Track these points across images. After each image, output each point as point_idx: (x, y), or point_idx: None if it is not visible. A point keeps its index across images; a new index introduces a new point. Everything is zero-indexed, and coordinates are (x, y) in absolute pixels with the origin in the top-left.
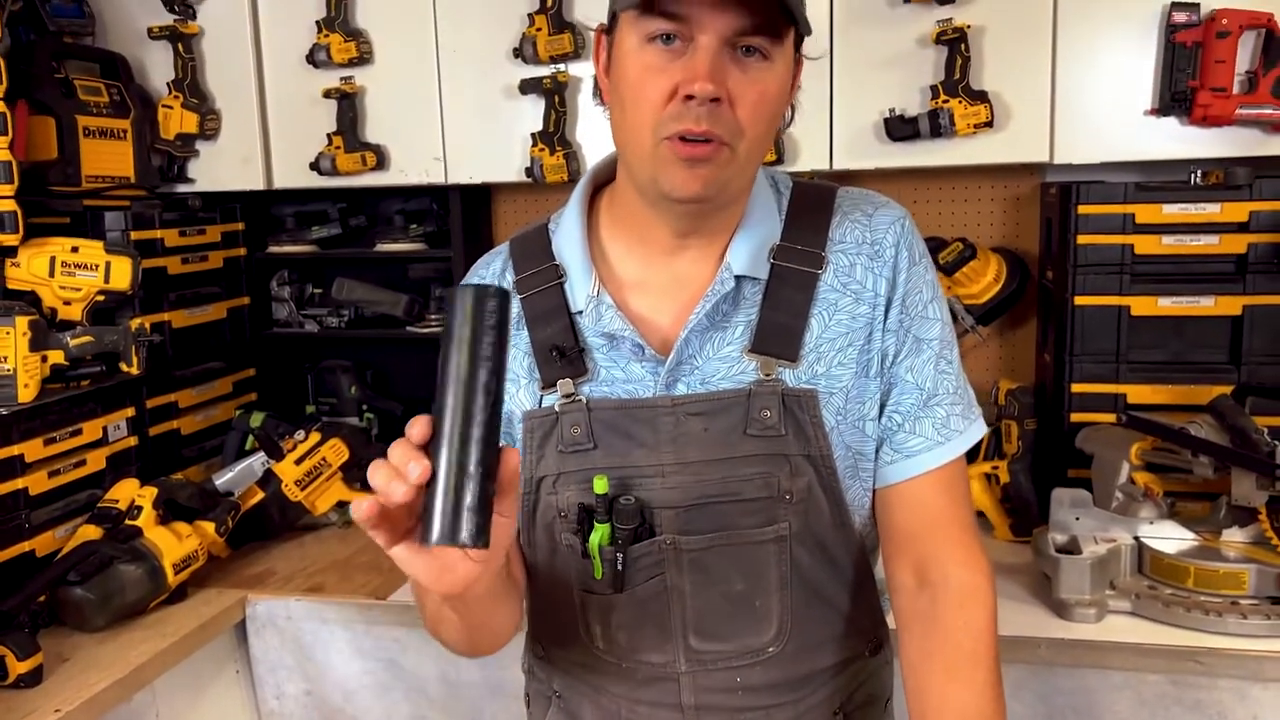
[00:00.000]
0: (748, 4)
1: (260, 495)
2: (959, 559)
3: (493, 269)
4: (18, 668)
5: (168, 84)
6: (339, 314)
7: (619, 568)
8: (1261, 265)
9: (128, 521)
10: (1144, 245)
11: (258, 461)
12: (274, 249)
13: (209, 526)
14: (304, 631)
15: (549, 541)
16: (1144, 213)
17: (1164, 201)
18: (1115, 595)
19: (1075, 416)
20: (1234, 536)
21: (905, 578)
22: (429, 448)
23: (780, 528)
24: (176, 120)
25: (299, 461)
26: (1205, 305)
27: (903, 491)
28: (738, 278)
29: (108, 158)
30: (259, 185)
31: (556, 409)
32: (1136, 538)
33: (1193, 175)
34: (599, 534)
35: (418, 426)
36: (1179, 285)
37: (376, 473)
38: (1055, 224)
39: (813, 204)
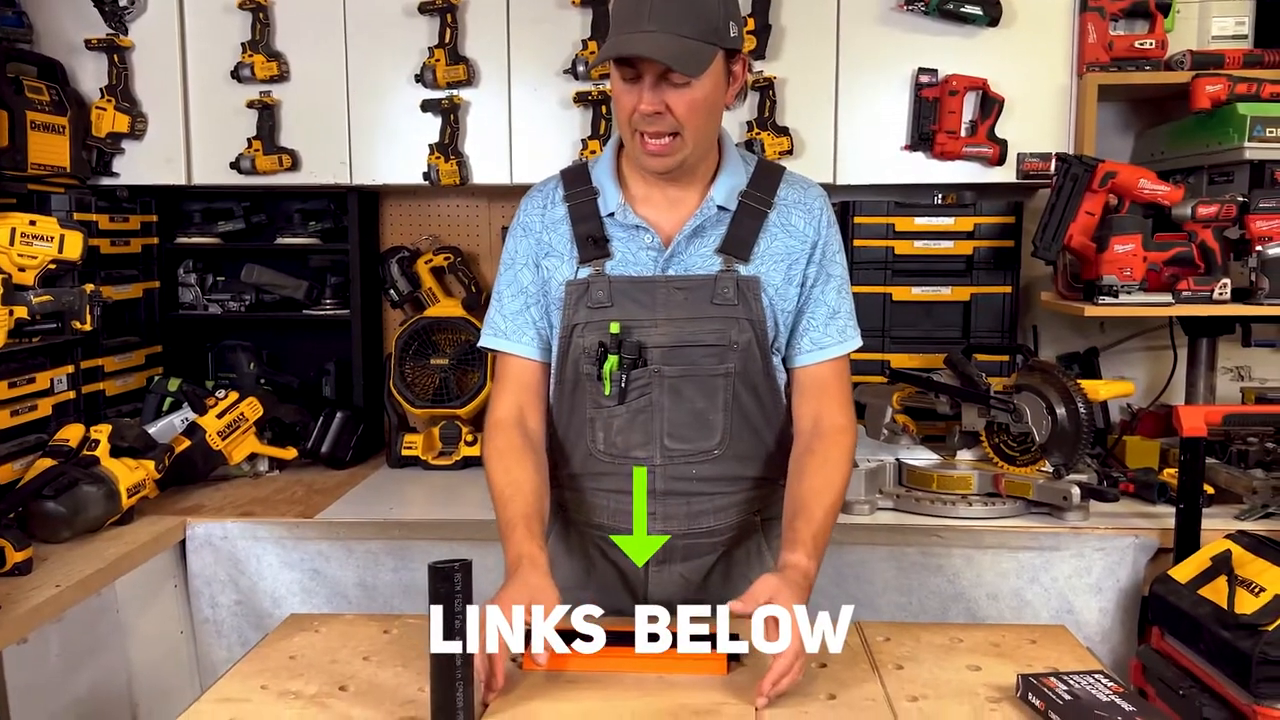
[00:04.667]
0: (668, 60)
1: (187, 443)
2: (840, 413)
3: (548, 190)
4: (14, 556)
5: (100, 89)
6: (240, 299)
7: (622, 386)
8: (983, 264)
9: (85, 452)
10: (901, 248)
11: (178, 419)
12: (183, 240)
13: (149, 464)
14: (238, 549)
15: (574, 375)
16: (901, 223)
17: (915, 215)
18: (883, 497)
19: (854, 378)
20: (965, 455)
21: (805, 422)
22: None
23: (728, 367)
24: (109, 121)
25: (220, 415)
26: (944, 293)
27: (813, 371)
28: (718, 207)
29: (48, 149)
30: (180, 181)
31: (588, 279)
32: (897, 459)
33: (935, 196)
34: (610, 363)
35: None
36: (927, 279)
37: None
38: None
39: (769, 171)
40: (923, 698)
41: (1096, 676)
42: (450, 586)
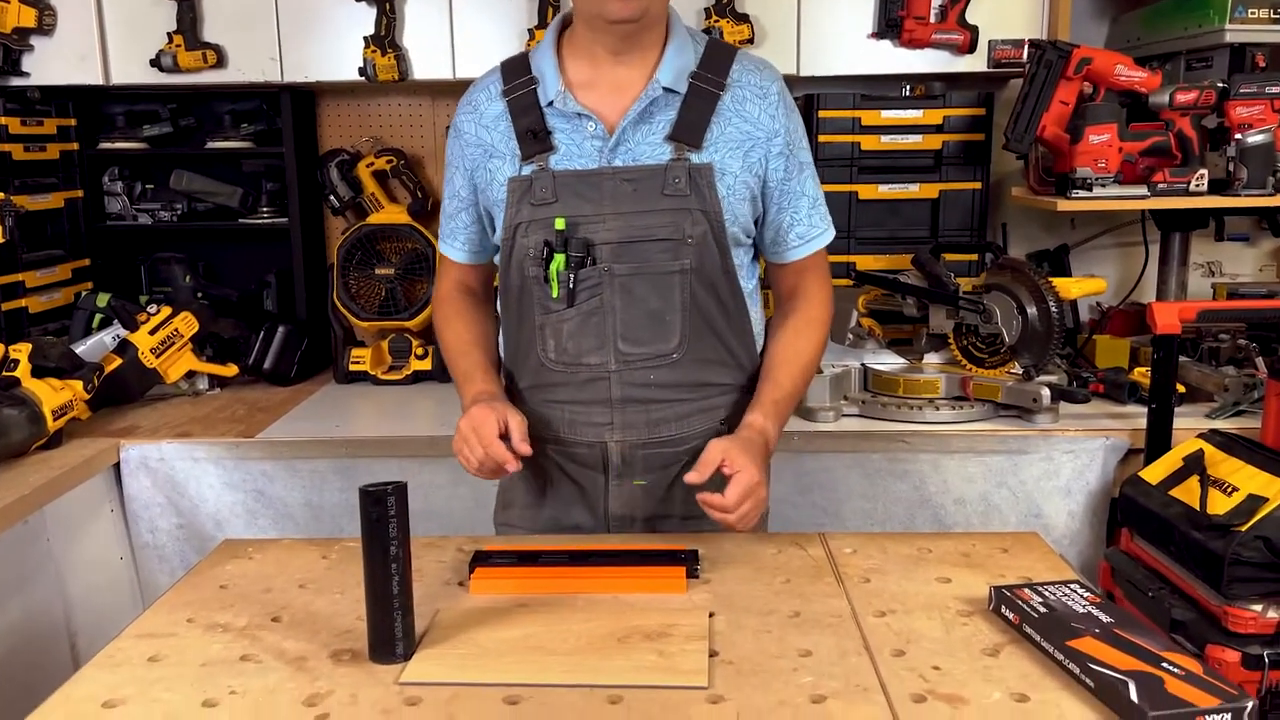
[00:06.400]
0: None
1: (118, 362)
2: (818, 289)
3: (487, 83)
4: None
5: None
6: (172, 208)
7: (571, 287)
8: (952, 159)
9: (5, 373)
10: (868, 143)
11: (108, 336)
12: (106, 145)
13: (77, 384)
14: (176, 471)
15: (519, 279)
16: (868, 117)
17: (882, 108)
18: (848, 403)
19: None
20: (932, 359)
21: (786, 296)
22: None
23: (684, 263)
24: (14, 14)
25: (153, 332)
26: (912, 190)
27: (803, 261)
28: (665, 89)
29: None
30: (97, 80)
31: (531, 176)
32: (863, 364)
33: (904, 88)
34: (557, 262)
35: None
36: (894, 175)
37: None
38: None
39: (721, 52)
40: (890, 612)
41: (1072, 586)
42: (383, 510)
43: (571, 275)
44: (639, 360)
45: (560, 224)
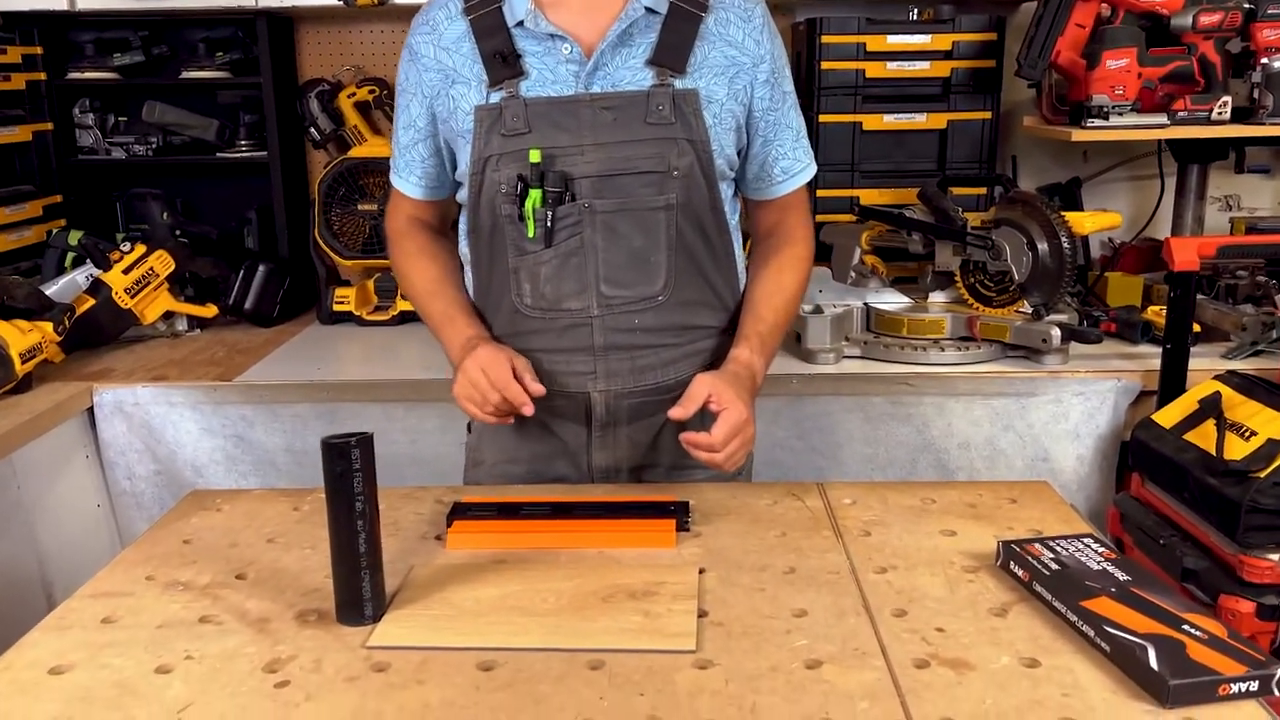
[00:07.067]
0: None
1: (91, 302)
2: (800, 224)
3: (444, 2)
4: None
5: None
6: (146, 141)
7: (548, 225)
8: (961, 88)
9: None
10: (873, 70)
11: (81, 275)
12: (75, 75)
13: (47, 326)
14: (152, 416)
15: (490, 218)
16: (873, 42)
17: (888, 33)
18: (849, 344)
19: (820, 217)
20: (937, 298)
21: (765, 234)
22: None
23: (669, 198)
24: None
25: (127, 271)
26: (919, 120)
27: (787, 197)
28: (646, 9)
29: None
30: (61, 5)
31: (500, 104)
32: (865, 303)
33: (911, 12)
34: (533, 199)
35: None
36: (900, 104)
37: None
38: (804, 56)
39: None
40: (891, 568)
41: (1085, 540)
42: (347, 464)
43: (549, 213)
44: (623, 304)
45: (535, 156)
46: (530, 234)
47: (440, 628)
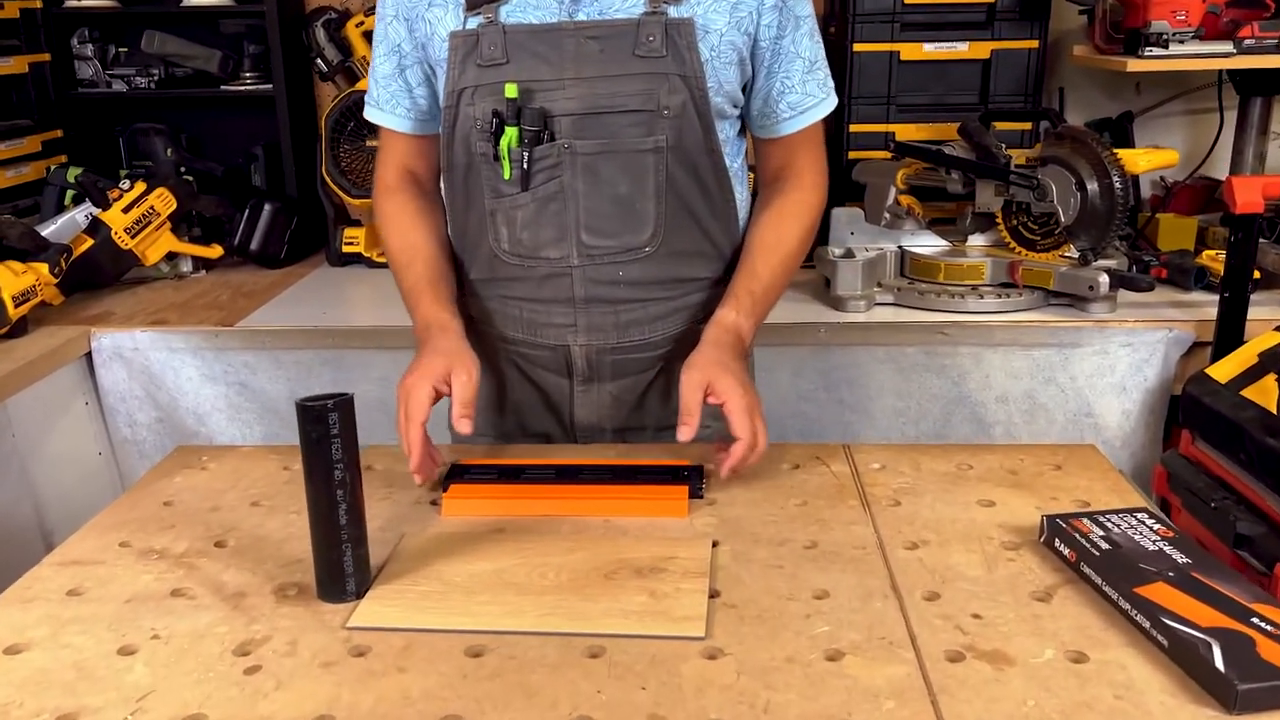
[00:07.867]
0: None
1: (89, 242)
2: (809, 167)
3: None
4: None
5: None
6: (148, 73)
7: (525, 167)
8: (1007, 13)
9: None
10: None
11: (80, 214)
12: (72, 3)
13: (42, 267)
14: (152, 362)
15: (465, 156)
16: None
17: None
18: (881, 291)
19: (852, 154)
20: (977, 241)
21: (771, 177)
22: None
23: (658, 139)
24: None
25: (127, 210)
26: (961, 49)
27: (794, 136)
28: None
29: None
30: None
31: (477, 30)
32: (900, 247)
33: None
34: (508, 137)
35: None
36: (940, 32)
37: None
38: None
39: None
40: (923, 544)
41: (1139, 515)
42: (325, 429)
43: (526, 153)
44: (605, 254)
45: (512, 91)
46: (506, 175)
47: (427, 607)
